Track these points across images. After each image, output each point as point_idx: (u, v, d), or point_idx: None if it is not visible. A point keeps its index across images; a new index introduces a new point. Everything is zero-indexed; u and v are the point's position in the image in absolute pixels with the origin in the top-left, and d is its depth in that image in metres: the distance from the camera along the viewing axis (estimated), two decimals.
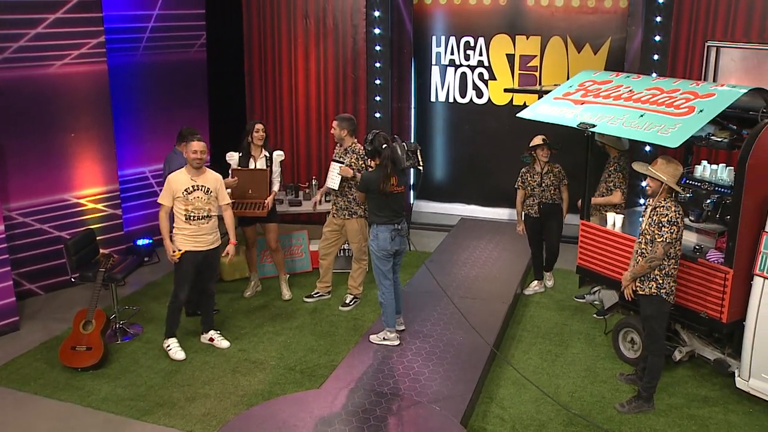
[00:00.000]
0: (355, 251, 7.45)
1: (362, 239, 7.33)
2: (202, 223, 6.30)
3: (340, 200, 7.26)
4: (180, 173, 6.30)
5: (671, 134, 5.07)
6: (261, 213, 7.31)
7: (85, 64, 7.78)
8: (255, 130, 7.33)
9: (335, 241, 7.49)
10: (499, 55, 9.94)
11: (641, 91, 5.76)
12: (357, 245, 7.36)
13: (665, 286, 5.38)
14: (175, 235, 6.34)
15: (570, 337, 6.92)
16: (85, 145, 7.94)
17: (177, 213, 6.28)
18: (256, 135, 7.33)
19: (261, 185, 7.29)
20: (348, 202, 7.21)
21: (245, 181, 7.25)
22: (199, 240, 6.34)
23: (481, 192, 10.57)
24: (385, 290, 6.29)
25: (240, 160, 7.38)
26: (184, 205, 6.23)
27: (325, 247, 7.50)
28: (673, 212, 5.24)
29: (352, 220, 7.25)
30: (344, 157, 7.17)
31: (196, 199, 6.25)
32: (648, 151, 8.10)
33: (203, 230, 6.33)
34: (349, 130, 7.14)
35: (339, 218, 7.32)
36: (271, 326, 7.14)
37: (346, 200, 7.22)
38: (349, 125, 7.15)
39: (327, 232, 7.45)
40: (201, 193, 6.27)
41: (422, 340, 6.42)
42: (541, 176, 7.45)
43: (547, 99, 6.26)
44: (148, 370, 6.31)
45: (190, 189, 6.24)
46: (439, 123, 10.55)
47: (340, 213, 7.28)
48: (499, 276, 7.92)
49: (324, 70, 9.86)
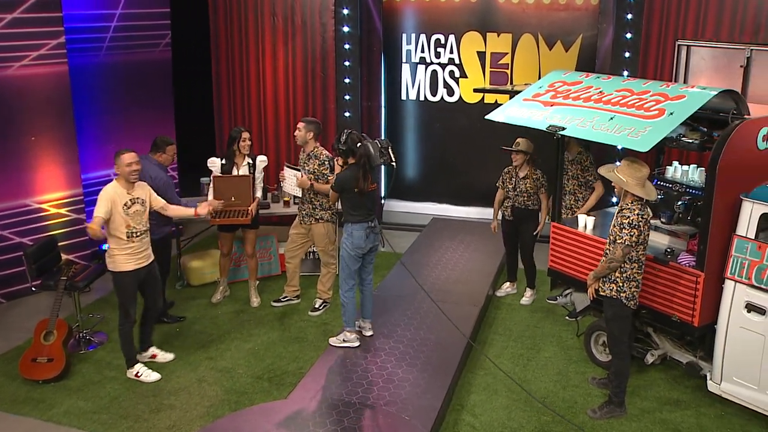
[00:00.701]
0: (322, 256, 7.32)
1: (329, 243, 7.20)
2: (143, 238, 5.94)
3: (304, 206, 7.13)
4: (115, 187, 5.80)
5: (641, 138, 5.01)
6: (245, 220, 7.14)
7: (45, 66, 7.56)
8: (242, 139, 7.17)
9: (301, 244, 7.35)
10: (470, 53, 9.86)
11: (611, 92, 5.69)
12: (324, 250, 7.23)
13: (625, 290, 5.33)
14: (113, 257, 5.87)
15: (542, 340, 6.86)
16: (47, 148, 7.72)
17: (116, 232, 5.79)
18: (242, 144, 7.17)
19: (244, 192, 7.14)
20: (313, 208, 7.08)
21: (228, 188, 7.09)
22: (141, 256, 5.97)
23: (452, 191, 10.49)
24: (348, 289, 6.20)
25: (223, 167, 7.22)
26: (125, 222, 5.79)
27: (291, 250, 7.36)
28: (635, 215, 5.18)
29: (318, 224, 7.12)
30: (307, 163, 7.02)
31: (136, 214, 5.85)
32: (621, 149, 8.05)
33: (144, 245, 5.98)
34: (314, 134, 7.00)
35: (305, 225, 7.19)
36: (239, 333, 7.00)
37: (311, 206, 7.09)
38: (315, 128, 7.02)
39: (293, 234, 7.31)
40: (138, 206, 5.89)
41: (392, 345, 6.32)
42: (518, 181, 7.34)
43: (517, 100, 6.17)
44: (112, 381, 6.14)
45: (129, 203, 5.81)
46: (410, 121, 10.44)
47: (306, 219, 7.15)
48: (470, 278, 7.84)
49: (292, 69, 9.69)
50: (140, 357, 6.38)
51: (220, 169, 7.21)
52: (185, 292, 7.99)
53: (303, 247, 7.39)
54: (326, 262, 7.29)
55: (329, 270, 7.32)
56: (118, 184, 5.85)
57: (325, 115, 9.74)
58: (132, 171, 5.82)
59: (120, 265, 5.90)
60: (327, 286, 7.37)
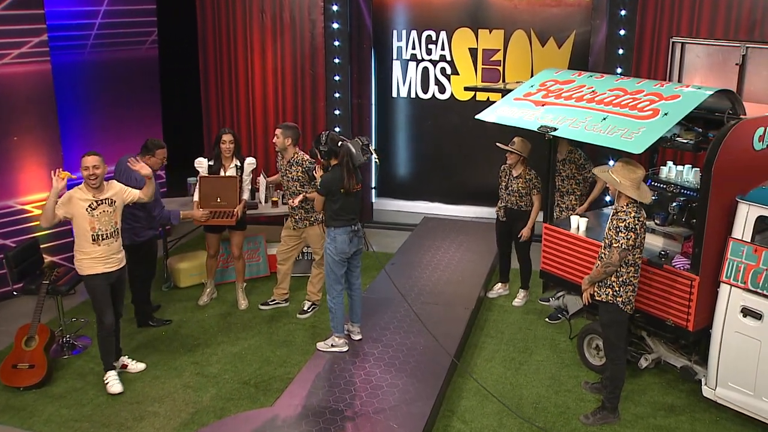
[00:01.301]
0: (316, 257, 7.19)
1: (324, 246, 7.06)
2: (111, 242, 5.73)
3: (297, 212, 6.99)
4: (80, 190, 5.65)
5: (635, 139, 4.88)
6: (230, 221, 7.03)
7: (26, 64, 7.40)
8: (221, 142, 7.03)
9: (294, 247, 7.22)
10: (461, 50, 9.71)
11: (604, 91, 5.56)
12: (319, 251, 7.09)
13: (621, 294, 5.22)
14: (80, 261, 5.69)
15: (534, 343, 6.75)
16: (30, 148, 7.57)
17: (80, 235, 5.64)
18: (223, 147, 7.03)
19: (230, 193, 7.01)
20: (306, 212, 6.95)
21: (214, 189, 6.97)
22: (110, 261, 5.76)
23: (444, 189, 10.35)
24: (335, 294, 6.07)
25: (210, 168, 7.09)
26: (90, 225, 5.60)
27: (284, 252, 7.23)
28: (632, 218, 5.07)
29: (313, 226, 7.00)
30: (289, 170, 6.90)
31: (103, 214, 5.65)
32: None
33: (113, 249, 5.77)
34: (293, 139, 6.85)
35: (299, 229, 7.06)
36: (226, 336, 6.86)
37: (303, 211, 6.95)
38: (293, 134, 6.86)
39: (285, 237, 7.18)
40: (106, 206, 5.69)
41: (381, 349, 6.19)
42: (510, 179, 7.21)
43: (507, 99, 6.03)
44: (95, 388, 6.00)
45: (94, 204, 5.62)
46: (401, 119, 10.30)
47: (300, 224, 7.02)
48: (462, 279, 7.72)
49: (281, 66, 9.54)
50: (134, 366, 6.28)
51: (207, 170, 7.08)
52: (172, 294, 7.85)
53: (296, 249, 7.26)
54: (320, 263, 7.14)
55: (321, 271, 7.16)
56: (84, 185, 5.69)
57: (315, 113, 9.59)
58: (89, 175, 5.62)
59: (87, 269, 5.72)
60: (317, 288, 7.24)
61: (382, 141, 10.31)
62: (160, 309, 7.36)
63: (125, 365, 6.26)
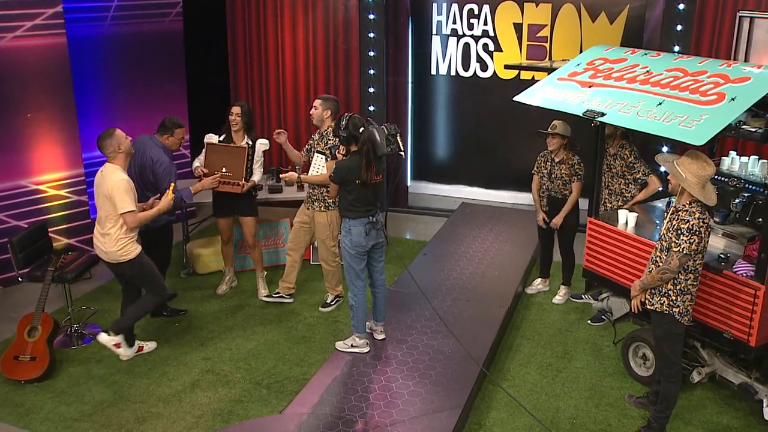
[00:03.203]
0: (321, 252, 6.66)
1: (331, 238, 6.54)
2: None
3: (316, 190, 6.46)
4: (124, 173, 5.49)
5: (696, 128, 4.22)
6: (234, 189, 6.51)
7: (40, 37, 7.01)
8: (230, 113, 6.57)
9: (305, 235, 6.68)
10: (505, 25, 9.04)
11: (661, 72, 4.88)
12: (324, 242, 6.56)
13: (679, 304, 4.60)
14: (127, 244, 5.50)
15: (574, 347, 6.16)
16: (44, 126, 7.21)
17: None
18: (230, 118, 6.58)
19: (237, 164, 6.48)
20: (323, 194, 6.42)
21: (221, 158, 6.48)
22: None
23: (484, 173, 9.77)
24: (357, 291, 5.56)
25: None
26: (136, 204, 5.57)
27: (293, 240, 6.72)
28: (696, 219, 4.42)
29: (322, 213, 6.46)
30: (319, 143, 6.38)
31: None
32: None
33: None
34: (332, 112, 6.33)
35: (310, 210, 6.53)
36: (242, 330, 6.44)
37: (323, 191, 6.41)
38: (333, 106, 6.35)
39: (297, 223, 6.66)
40: None
41: (405, 352, 5.68)
42: (553, 166, 6.61)
43: (550, 80, 5.40)
44: (99, 383, 5.65)
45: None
46: (439, 98, 9.70)
47: (315, 204, 6.48)
48: (498, 273, 7.13)
49: (313, 40, 9.02)
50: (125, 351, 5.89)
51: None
52: (190, 281, 7.46)
53: (306, 238, 6.72)
54: (324, 257, 6.63)
55: (330, 267, 6.67)
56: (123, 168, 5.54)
57: (348, 91, 9.07)
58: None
59: (136, 249, 5.58)
60: (334, 283, 6.77)
61: (419, 121, 9.72)
62: (176, 298, 6.96)
63: (141, 348, 6.02)
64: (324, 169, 6.24)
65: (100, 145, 5.47)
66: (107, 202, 5.42)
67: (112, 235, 5.47)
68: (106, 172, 5.47)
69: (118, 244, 5.48)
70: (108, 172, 5.45)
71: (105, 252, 5.56)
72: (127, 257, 5.54)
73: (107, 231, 5.47)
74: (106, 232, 5.48)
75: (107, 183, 5.40)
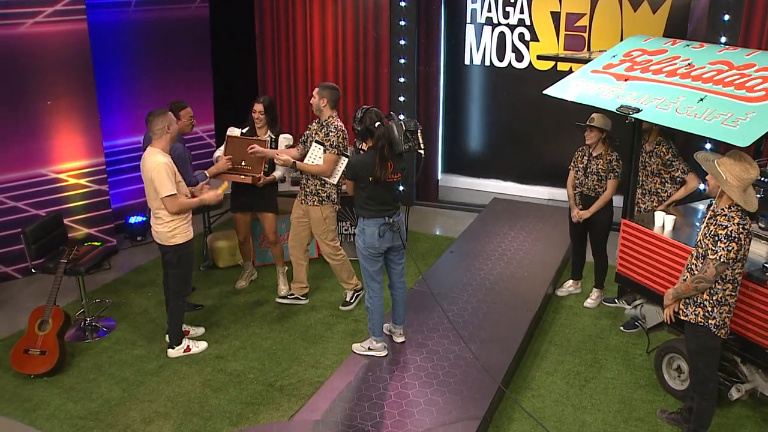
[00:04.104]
0: (322, 248, 6.37)
1: (328, 232, 6.24)
2: None
3: (311, 182, 6.16)
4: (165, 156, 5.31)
5: (740, 127, 3.86)
6: (248, 180, 6.28)
7: (61, 23, 6.87)
8: (253, 111, 6.36)
9: (304, 230, 6.39)
10: (542, 13, 8.65)
11: (704, 65, 4.51)
12: (321, 237, 6.28)
13: (715, 316, 4.25)
14: (175, 229, 5.40)
15: (605, 355, 5.82)
16: (64, 113, 7.08)
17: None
18: (253, 116, 6.37)
19: (257, 158, 6.26)
20: (322, 185, 6.13)
21: (241, 150, 6.28)
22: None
23: (518, 168, 9.42)
24: (372, 294, 5.29)
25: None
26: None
27: (294, 237, 6.43)
28: (735, 225, 4.06)
29: (316, 207, 6.15)
30: (318, 133, 6.10)
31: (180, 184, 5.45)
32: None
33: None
34: (329, 101, 6.02)
35: (304, 204, 6.24)
36: (259, 328, 6.25)
37: (316, 183, 6.12)
38: (330, 95, 6.02)
39: (293, 219, 6.37)
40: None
41: (424, 356, 5.41)
42: (590, 160, 6.26)
43: (584, 72, 5.05)
44: (109, 380, 5.50)
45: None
46: (473, 89, 9.36)
47: (308, 198, 6.18)
48: (528, 274, 6.81)
49: (342, 29, 8.76)
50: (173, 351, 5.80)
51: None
52: (210, 274, 7.30)
53: (305, 234, 6.40)
54: (326, 252, 6.35)
55: (335, 261, 6.38)
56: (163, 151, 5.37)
57: (378, 80, 8.80)
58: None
59: (186, 235, 5.49)
60: (345, 276, 6.48)
61: (451, 112, 9.40)
62: (194, 292, 6.81)
63: (189, 348, 5.88)
64: (321, 160, 5.98)
65: (150, 120, 5.28)
66: (150, 185, 5.30)
67: (162, 217, 5.38)
68: (146, 155, 5.34)
69: (168, 225, 5.39)
70: (149, 155, 5.32)
71: (156, 232, 5.47)
72: (176, 241, 5.44)
73: (157, 213, 5.40)
74: (156, 214, 5.41)
75: (147, 166, 5.28)
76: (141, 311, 6.54)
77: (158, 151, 5.29)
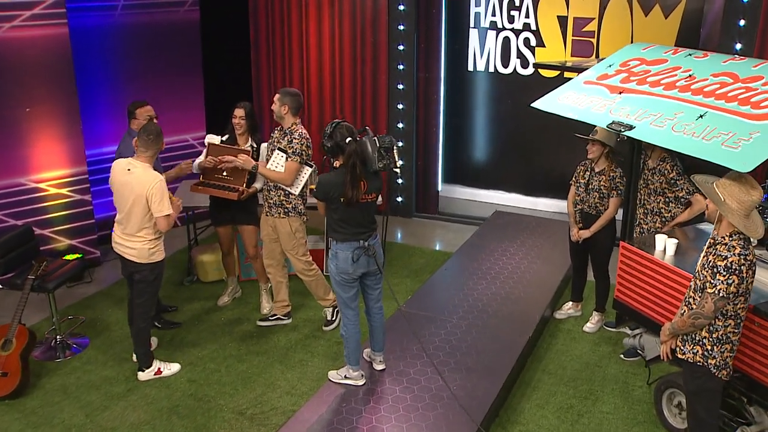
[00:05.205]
0: (294, 264, 5.99)
1: (298, 246, 5.88)
2: None
3: (273, 193, 5.80)
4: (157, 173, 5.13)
5: (742, 149, 3.45)
6: (231, 195, 5.96)
7: (40, 27, 6.61)
8: (233, 116, 6.05)
9: (280, 248, 6.02)
10: (548, 18, 8.27)
11: (706, 77, 4.11)
12: (291, 252, 5.91)
13: (715, 355, 3.85)
14: (156, 246, 5.21)
15: (602, 386, 5.42)
16: (44, 120, 6.82)
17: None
18: (233, 122, 6.05)
19: (238, 168, 5.98)
20: (286, 195, 5.77)
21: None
22: None
23: (524, 179, 9.04)
24: (347, 321, 4.93)
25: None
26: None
27: (268, 255, 6.07)
28: (736, 256, 3.66)
29: (282, 219, 5.80)
30: (281, 141, 5.76)
31: None
32: None
33: None
34: (291, 107, 5.65)
35: (269, 217, 5.88)
36: (237, 349, 5.93)
37: (280, 194, 5.77)
38: (291, 101, 5.65)
39: (265, 237, 6.02)
40: None
41: (404, 387, 5.04)
42: (592, 176, 5.87)
43: (576, 83, 4.67)
44: (73, 403, 5.21)
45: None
46: (476, 96, 8.99)
47: (272, 210, 5.83)
48: (525, 294, 6.42)
49: (339, 33, 8.43)
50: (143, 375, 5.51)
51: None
52: (193, 289, 7.00)
53: (279, 250, 6.03)
54: (299, 269, 5.97)
55: (309, 277, 6.00)
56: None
57: (376, 87, 8.47)
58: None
59: (163, 251, 5.32)
60: (321, 293, 6.09)
61: (453, 120, 9.03)
62: (174, 308, 6.53)
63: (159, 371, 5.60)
64: (283, 168, 5.64)
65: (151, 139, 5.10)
66: (141, 201, 5.03)
67: (145, 236, 5.13)
68: (137, 172, 5.05)
69: (151, 243, 5.18)
70: (140, 171, 5.05)
71: (134, 250, 5.17)
72: (155, 258, 5.23)
73: (139, 232, 5.13)
74: (137, 234, 5.13)
75: (143, 183, 5.00)
76: (118, 327, 6.25)
77: (149, 167, 5.08)
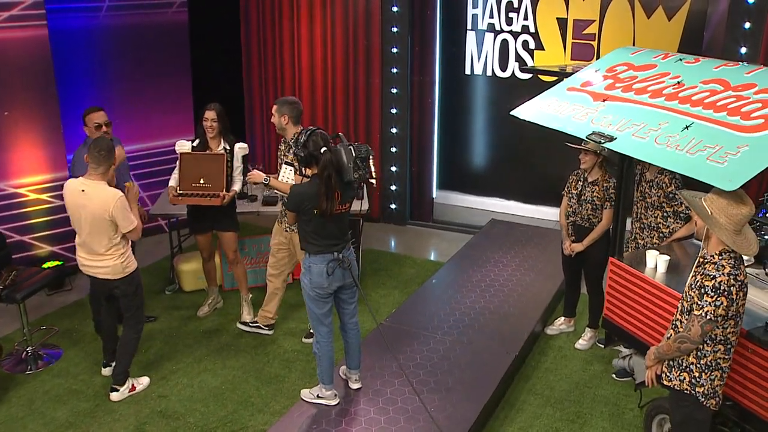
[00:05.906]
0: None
1: None
2: None
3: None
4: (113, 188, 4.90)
5: (728, 164, 3.17)
6: (213, 201, 5.78)
7: (18, 29, 6.44)
8: (204, 119, 5.84)
9: (287, 257, 5.87)
10: (548, 20, 7.99)
11: (695, 84, 3.83)
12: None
13: (704, 383, 3.58)
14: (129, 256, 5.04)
15: (591, 408, 5.15)
16: (23, 125, 6.65)
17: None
18: (205, 124, 5.84)
19: (216, 173, 5.78)
20: None
21: (196, 166, 5.80)
22: None
23: (522, 185, 8.74)
24: (320, 338, 4.70)
25: (194, 150, 5.93)
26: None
27: (275, 265, 5.89)
28: (725, 276, 3.38)
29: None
30: (287, 154, 5.54)
31: None
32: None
33: None
34: (291, 117, 5.42)
35: (289, 231, 5.69)
36: (212, 363, 5.71)
37: None
38: (291, 111, 5.42)
39: (275, 246, 5.84)
40: None
41: (378, 408, 4.79)
42: (584, 186, 5.60)
43: (559, 89, 4.42)
44: (37, 420, 5.01)
45: None
46: (474, 100, 8.72)
47: (290, 226, 5.67)
48: (515, 309, 6.16)
49: (332, 36, 8.20)
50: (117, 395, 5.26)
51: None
52: (174, 298, 6.79)
53: (289, 261, 5.89)
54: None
55: None
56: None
57: (369, 91, 8.24)
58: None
59: (133, 259, 5.13)
60: None
61: (449, 125, 8.77)
62: (153, 318, 6.33)
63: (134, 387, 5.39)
64: (292, 181, 5.40)
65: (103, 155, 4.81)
66: (104, 222, 4.80)
67: (113, 252, 4.92)
68: (92, 193, 4.78)
69: (123, 257, 4.98)
70: (96, 192, 4.78)
71: (107, 268, 4.96)
72: (129, 270, 5.03)
73: (108, 251, 4.91)
74: (105, 253, 4.91)
75: (102, 205, 4.76)
76: (94, 338, 6.04)
77: (104, 183, 4.83)
